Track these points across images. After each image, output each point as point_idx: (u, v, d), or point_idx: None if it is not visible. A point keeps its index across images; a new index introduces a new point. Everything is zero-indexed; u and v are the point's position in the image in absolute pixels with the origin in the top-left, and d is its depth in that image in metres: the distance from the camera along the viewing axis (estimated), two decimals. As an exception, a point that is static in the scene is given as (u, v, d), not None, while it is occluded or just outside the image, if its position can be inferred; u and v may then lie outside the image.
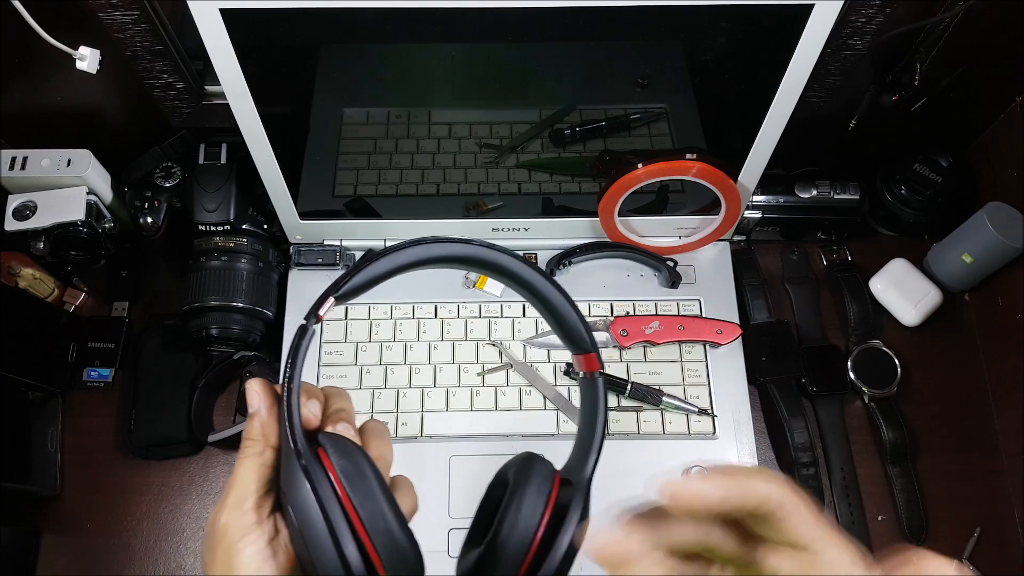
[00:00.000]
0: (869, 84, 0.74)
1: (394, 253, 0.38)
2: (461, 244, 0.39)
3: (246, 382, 0.36)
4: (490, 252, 0.40)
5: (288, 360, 0.35)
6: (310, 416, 0.37)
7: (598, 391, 0.44)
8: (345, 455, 0.34)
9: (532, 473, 0.40)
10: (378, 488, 0.34)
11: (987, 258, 0.77)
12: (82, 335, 0.78)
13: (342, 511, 0.33)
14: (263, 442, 0.36)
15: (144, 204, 0.73)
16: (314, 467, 0.33)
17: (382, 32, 0.56)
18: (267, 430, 0.36)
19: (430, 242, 0.39)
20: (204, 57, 0.56)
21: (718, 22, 0.56)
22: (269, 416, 0.36)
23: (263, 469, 0.35)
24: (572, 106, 0.65)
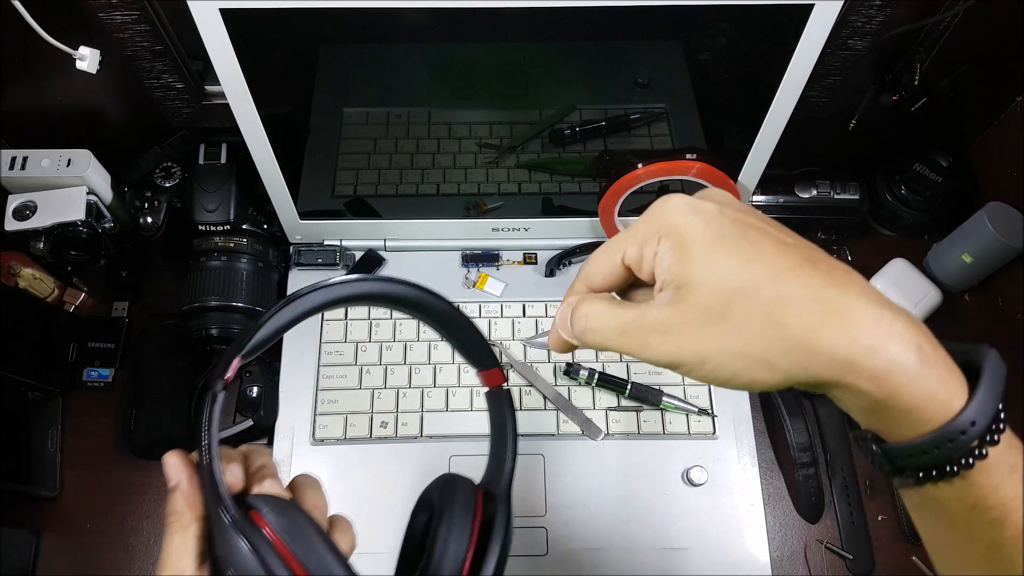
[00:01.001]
0: (869, 84, 0.74)
1: (294, 302, 0.38)
2: (356, 283, 0.39)
3: (162, 457, 0.35)
4: (385, 285, 0.40)
5: (204, 427, 0.34)
6: (233, 480, 0.36)
7: (503, 404, 0.45)
8: (279, 512, 0.34)
9: (456, 493, 0.41)
10: (319, 539, 0.34)
11: (987, 258, 0.77)
12: (82, 335, 0.78)
13: (287, 569, 0.32)
14: (189, 514, 0.35)
15: (144, 204, 0.73)
16: (250, 530, 0.33)
17: (382, 32, 0.56)
18: (191, 502, 0.35)
19: (326, 286, 0.39)
20: (204, 57, 0.56)
21: (718, 22, 0.56)
22: (190, 487, 0.35)
23: (193, 541, 0.34)
24: (572, 106, 0.65)
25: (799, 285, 0.29)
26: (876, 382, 0.28)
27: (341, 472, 0.71)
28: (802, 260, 0.30)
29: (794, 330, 0.28)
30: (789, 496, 0.74)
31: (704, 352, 0.30)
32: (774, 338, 0.29)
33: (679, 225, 0.31)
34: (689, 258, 0.30)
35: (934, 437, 0.28)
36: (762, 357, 0.29)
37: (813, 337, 0.28)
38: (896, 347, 0.28)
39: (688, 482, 0.71)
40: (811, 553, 0.72)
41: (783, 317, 0.29)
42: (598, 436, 0.73)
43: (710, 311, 0.30)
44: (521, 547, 0.68)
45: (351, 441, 0.72)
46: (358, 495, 0.70)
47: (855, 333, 0.28)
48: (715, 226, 0.31)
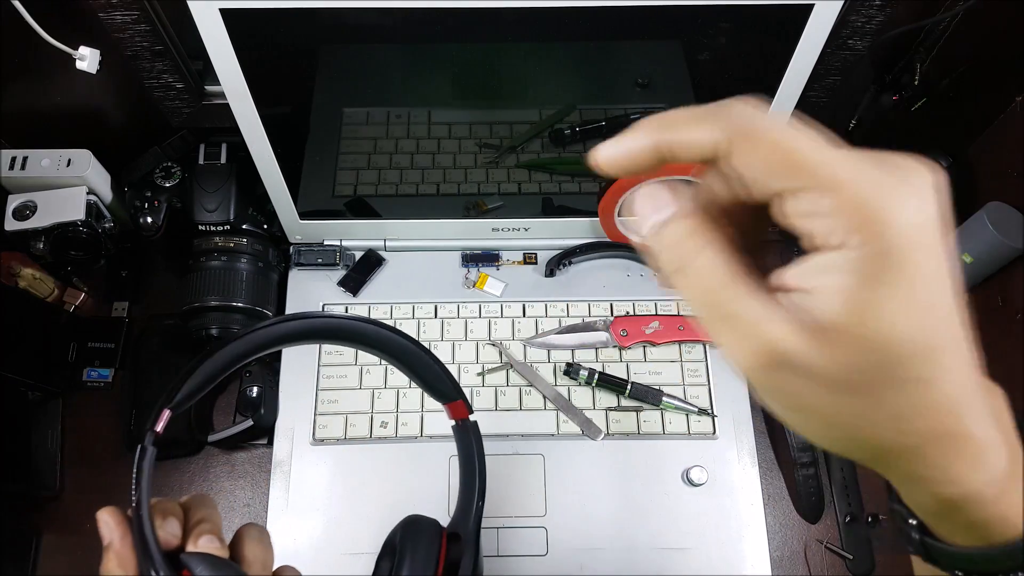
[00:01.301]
0: (869, 84, 0.74)
1: (224, 348, 0.37)
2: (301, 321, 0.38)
3: (96, 513, 0.35)
4: (333, 322, 0.39)
5: (134, 483, 0.34)
6: (169, 537, 0.35)
7: (470, 437, 0.43)
8: (212, 572, 0.33)
9: (419, 536, 0.39)
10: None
11: (987, 258, 0.77)
12: (82, 335, 0.78)
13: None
14: (122, 574, 0.34)
15: (144, 204, 0.73)
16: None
17: (382, 32, 0.56)
18: (124, 562, 0.34)
19: (260, 328, 0.37)
20: (204, 57, 0.56)
21: (718, 22, 0.56)
22: (123, 546, 0.34)
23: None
24: (572, 106, 0.65)
25: (951, 390, 0.21)
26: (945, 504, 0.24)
27: (341, 472, 0.71)
28: (966, 358, 0.22)
29: (911, 439, 0.22)
30: (789, 496, 0.74)
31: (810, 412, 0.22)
32: (892, 438, 0.22)
33: (906, 246, 0.20)
34: (878, 302, 0.20)
35: (993, 553, 0.25)
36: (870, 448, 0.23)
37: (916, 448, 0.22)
38: (982, 476, 0.23)
39: (688, 482, 0.71)
40: (811, 553, 0.72)
41: (912, 424, 0.22)
42: (598, 436, 0.73)
43: (852, 379, 0.21)
44: (521, 547, 0.68)
45: (351, 441, 0.72)
46: (358, 495, 0.70)
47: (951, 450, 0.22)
48: (936, 253, 0.20)
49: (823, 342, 0.20)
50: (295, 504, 0.70)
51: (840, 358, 0.20)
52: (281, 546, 0.68)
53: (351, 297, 0.78)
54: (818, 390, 0.21)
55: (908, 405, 0.21)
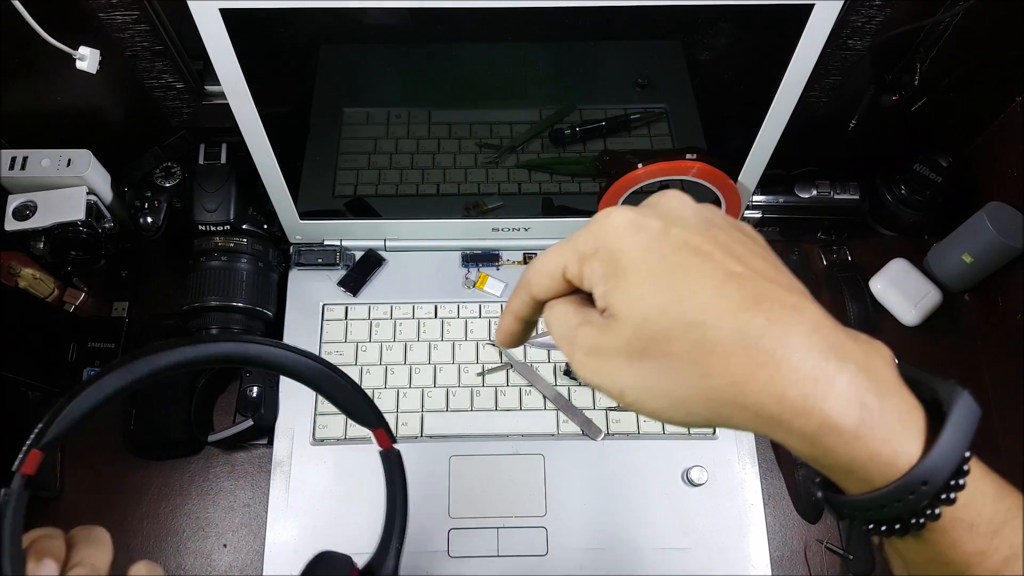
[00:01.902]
0: (869, 84, 0.74)
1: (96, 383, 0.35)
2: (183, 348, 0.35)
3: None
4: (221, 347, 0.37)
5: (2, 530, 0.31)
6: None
7: (391, 469, 0.41)
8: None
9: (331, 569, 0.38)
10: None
11: (987, 258, 0.77)
12: (82, 335, 0.78)
13: None
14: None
15: (144, 204, 0.74)
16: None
17: (382, 32, 0.56)
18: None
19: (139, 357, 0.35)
20: (204, 57, 0.56)
21: (718, 22, 0.56)
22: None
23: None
24: (572, 106, 0.65)
25: (731, 331, 0.26)
26: (807, 442, 0.26)
27: (341, 472, 0.71)
28: (743, 298, 0.26)
29: (716, 381, 0.26)
30: (789, 496, 0.74)
31: (622, 385, 0.28)
32: (694, 387, 0.27)
33: (615, 248, 0.29)
34: (619, 287, 0.28)
35: (877, 496, 0.26)
36: (681, 403, 0.27)
37: (736, 391, 0.26)
38: (831, 406, 0.25)
39: (688, 482, 0.71)
40: (811, 553, 0.72)
41: (706, 366, 0.26)
42: (598, 436, 0.73)
43: (632, 347, 0.28)
44: (521, 547, 0.68)
45: (351, 441, 0.72)
46: (358, 495, 0.70)
47: (783, 390, 0.25)
48: (653, 253, 0.28)
49: (609, 330, 0.29)
50: (295, 504, 0.70)
51: (621, 335, 0.28)
52: (281, 546, 0.68)
53: (351, 297, 0.78)
54: (623, 366, 0.28)
55: (692, 352, 0.27)
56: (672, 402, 0.28)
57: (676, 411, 0.28)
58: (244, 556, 0.71)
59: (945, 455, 0.25)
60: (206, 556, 0.71)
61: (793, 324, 0.26)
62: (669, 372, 0.27)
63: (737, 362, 0.26)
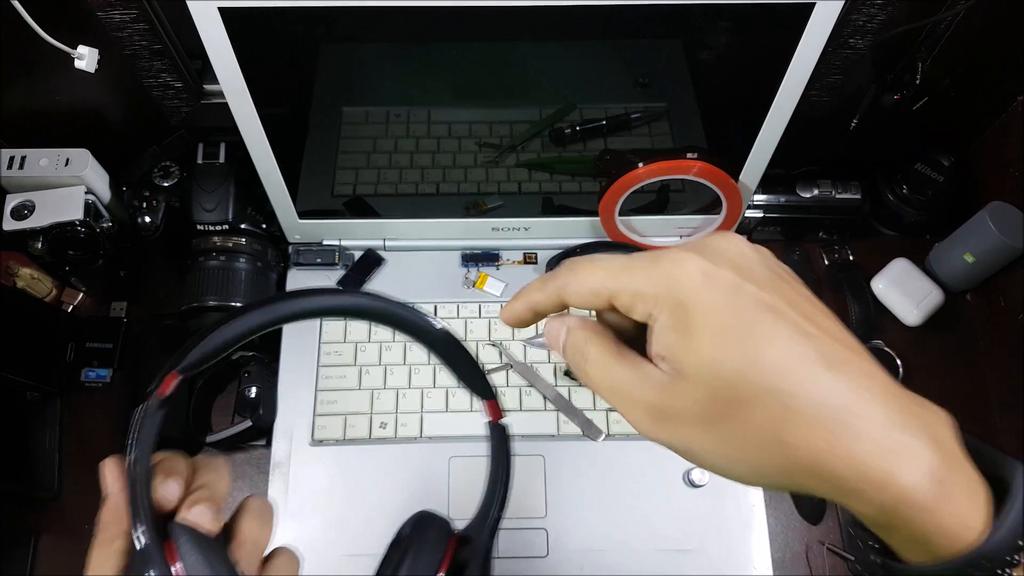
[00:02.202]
0: (870, 83, 0.73)
1: (243, 316, 0.35)
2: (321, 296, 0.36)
3: (101, 463, 0.33)
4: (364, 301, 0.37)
5: (131, 440, 0.32)
6: (165, 497, 0.33)
7: (497, 442, 0.42)
8: (195, 548, 0.31)
9: (425, 535, 0.38)
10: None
11: (989, 258, 0.77)
12: (80, 335, 0.78)
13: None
14: (114, 529, 0.32)
15: (142, 204, 0.73)
16: (158, 563, 0.30)
17: (382, 31, 0.56)
18: (118, 516, 0.32)
19: (283, 299, 0.36)
20: (203, 56, 0.56)
21: (719, 21, 0.56)
22: (119, 500, 0.33)
23: (115, 558, 0.32)
24: (572, 105, 0.65)
25: (811, 400, 0.25)
26: (879, 511, 0.26)
27: (340, 473, 0.71)
28: (816, 359, 0.26)
29: (797, 452, 0.26)
30: (790, 497, 0.74)
31: (696, 449, 0.27)
32: (774, 455, 0.26)
33: (687, 300, 0.27)
34: (691, 346, 0.27)
35: (940, 569, 0.26)
36: (758, 470, 0.27)
37: (815, 462, 0.25)
38: (908, 480, 0.25)
39: (689, 483, 0.71)
40: (812, 554, 0.72)
41: (786, 436, 0.26)
42: (599, 437, 0.72)
43: (707, 412, 0.26)
44: (521, 548, 0.68)
45: (350, 442, 0.72)
46: (357, 496, 0.70)
47: (863, 462, 0.25)
48: (727, 311, 0.26)
49: (678, 390, 0.27)
50: (294, 505, 0.69)
51: (692, 397, 0.27)
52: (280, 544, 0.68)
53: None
54: (696, 430, 0.27)
55: (773, 421, 0.25)
56: (749, 469, 0.27)
57: (752, 477, 0.27)
58: (243, 557, 0.71)
59: (1010, 533, 0.26)
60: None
61: (870, 392, 0.26)
62: (747, 440, 0.26)
63: (818, 433, 0.25)
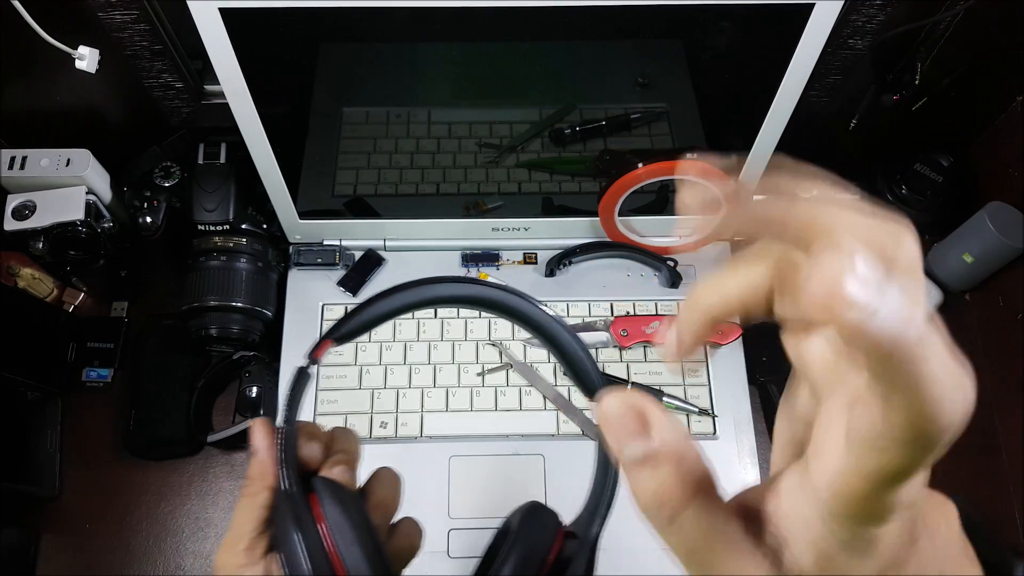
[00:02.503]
0: (870, 84, 0.74)
1: (396, 295, 0.38)
2: (466, 284, 0.39)
3: (251, 421, 0.36)
4: (499, 294, 0.40)
5: (287, 402, 0.35)
6: (309, 457, 0.37)
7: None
8: (337, 502, 0.34)
9: (535, 525, 0.39)
10: (366, 538, 0.33)
11: (988, 258, 0.77)
12: (81, 335, 0.78)
13: (327, 560, 0.32)
14: (260, 482, 0.36)
15: (143, 204, 0.73)
16: (304, 513, 0.33)
17: (382, 31, 0.56)
18: (265, 471, 0.36)
19: (431, 282, 0.38)
20: (203, 56, 0.56)
21: (718, 21, 0.56)
22: (267, 456, 0.36)
23: (259, 510, 0.35)
24: (572, 105, 0.65)
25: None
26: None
27: (341, 472, 0.71)
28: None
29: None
30: (789, 496, 0.74)
31: None
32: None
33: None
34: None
35: None
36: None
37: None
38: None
39: (688, 482, 0.71)
40: (812, 553, 0.72)
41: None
42: (598, 436, 0.73)
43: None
44: (521, 547, 0.68)
45: (351, 441, 0.72)
46: (358, 495, 0.70)
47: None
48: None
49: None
50: (295, 504, 0.70)
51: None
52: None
53: (351, 297, 0.78)
54: None
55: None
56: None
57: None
58: (244, 556, 0.71)
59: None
60: (205, 556, 0.71)
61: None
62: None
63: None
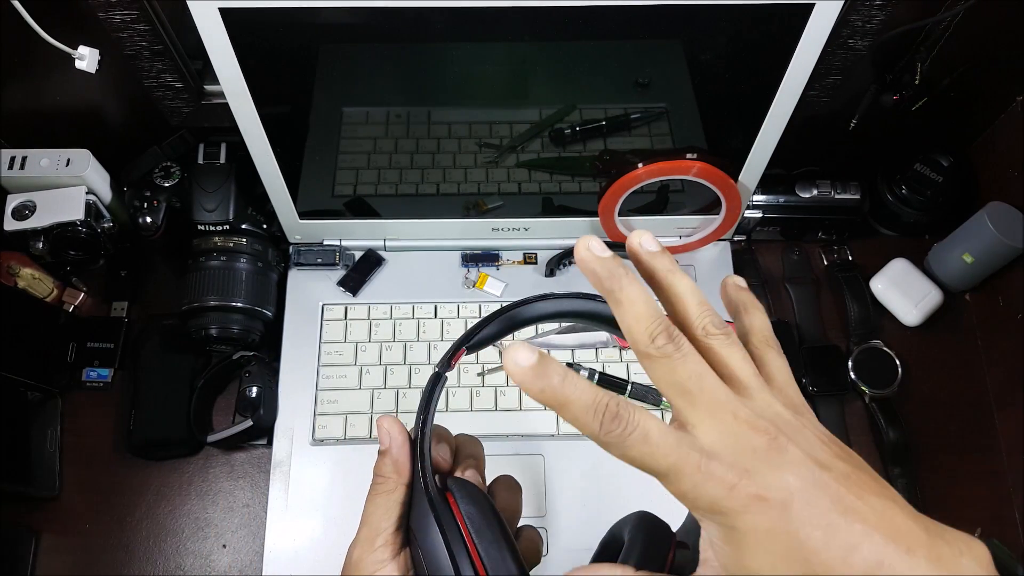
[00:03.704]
0: (870, 84, 0.74)
1: (530, 305, 0.39)
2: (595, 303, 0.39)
3: (377, 419, 0.37)
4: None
5: (422, 404, 0.37)
6: (440, 459, 0.38)
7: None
8: (473, 502, 0.35)
9: (651, 535, 0.41)
10: (502, 537, 0.35)
11: (988, 258, 0.77)
12: (81, 335, 0.78)
13: (467, 556, 0.33)
14: (395, 479, 0.36)
15: (143, 204, 0.73)
16: (444, 511, 0.34)
17: (382, 31, 0.56)
18: (400, 468, 0.36)
19: (562, 297, 0.39)
20: (203, 56, 0.56)
21: (718, 22, 0.56)
22: (401, 454, 0.37)
23: (396, 507, 0.36)
24: (572, 106, 0.65)
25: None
26: None
27: (341, 472, 0.71)
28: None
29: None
30: (789, 496, 0.74)
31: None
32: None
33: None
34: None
35: None
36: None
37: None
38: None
39: (688, 482, 0.71)
40: (811, 553, 0.72)
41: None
42: (598, 436, 0.73)
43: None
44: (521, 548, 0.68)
45: (351, 441, 0.72)
46: (358, 495, 0.69)
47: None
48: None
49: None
50: (294, 504, 0.70)
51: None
52: (280, 546, 0.68)
53: (351, 297, 0.78)
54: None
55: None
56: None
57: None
58: (244, 556, 0.71)
59: None
60: (206, 556, 0.71)
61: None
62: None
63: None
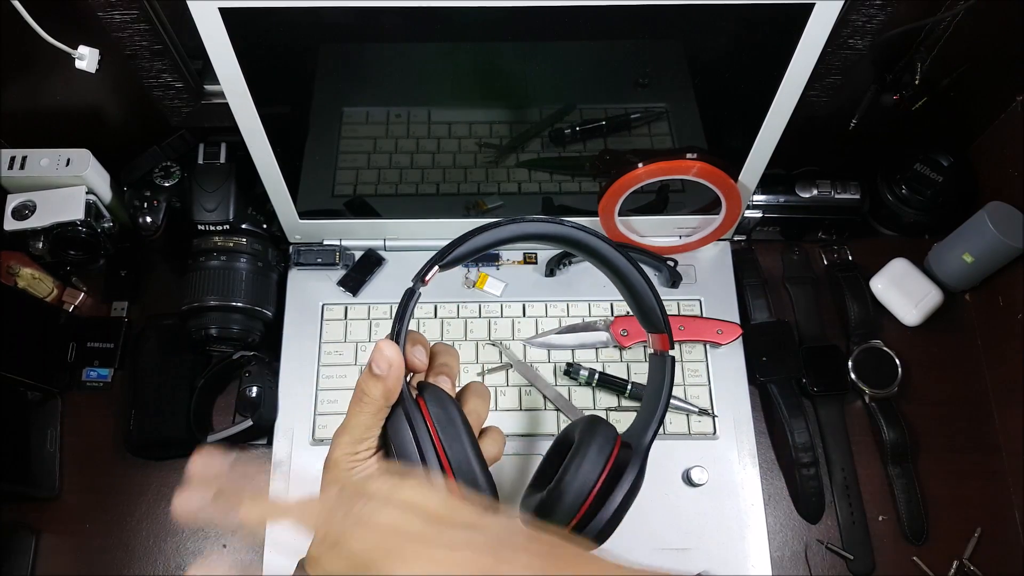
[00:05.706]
0: (870, 83, 0.73)
1: (494, 229, 0.44)
2: (554, 224, 0.44)
3: (378, 342, 0.41)
4: (580, 234, 0.45)
5: (396, 317, 0.43)
6: (415, 360, 0.43)
7: (666, 369, 0.48)
8: (440, 404, 0.41)
9: (596, 434, 0.45)
10: (464, 435, 0.41)
11: (988, 258, 0.77)
12: (81, 335, 0.78)
13: (434, 450, 0.40)
14: (383, 403, 0.40)
15: (143, 204, 0.73)
16: (415, 414, 0.41)
17: (382, 32, 0.56)
18: (390, 397, 0.41)
19: (527, 220, 0.44)
20: (203, 56, 0.56)
21: (718, 22, 0.56)
22: (396, 385, 0.40)
23: (379, 422, 0.41)
24: (572, 105, 0.65)
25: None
26: None
27: (341, 472, 0.71)
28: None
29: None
30: (789, 496, 0.74)
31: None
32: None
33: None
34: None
35: None
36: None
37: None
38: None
39: (688, 482, 0.71)
40: (811, 553, 0.72)
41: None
42: (598, 436, 0.73)
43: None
44: (521, 547, 0.68)
45: (351, 441, 0.72)
46: (358, 495, 0.70)
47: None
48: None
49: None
50: (295, 504, 0.70)
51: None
52: (280, 546, 0.68)
53: (351, 297, 0.78)
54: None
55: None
56: None
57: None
58: (244, 556, 0.71)
59: None
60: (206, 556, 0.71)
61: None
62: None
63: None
